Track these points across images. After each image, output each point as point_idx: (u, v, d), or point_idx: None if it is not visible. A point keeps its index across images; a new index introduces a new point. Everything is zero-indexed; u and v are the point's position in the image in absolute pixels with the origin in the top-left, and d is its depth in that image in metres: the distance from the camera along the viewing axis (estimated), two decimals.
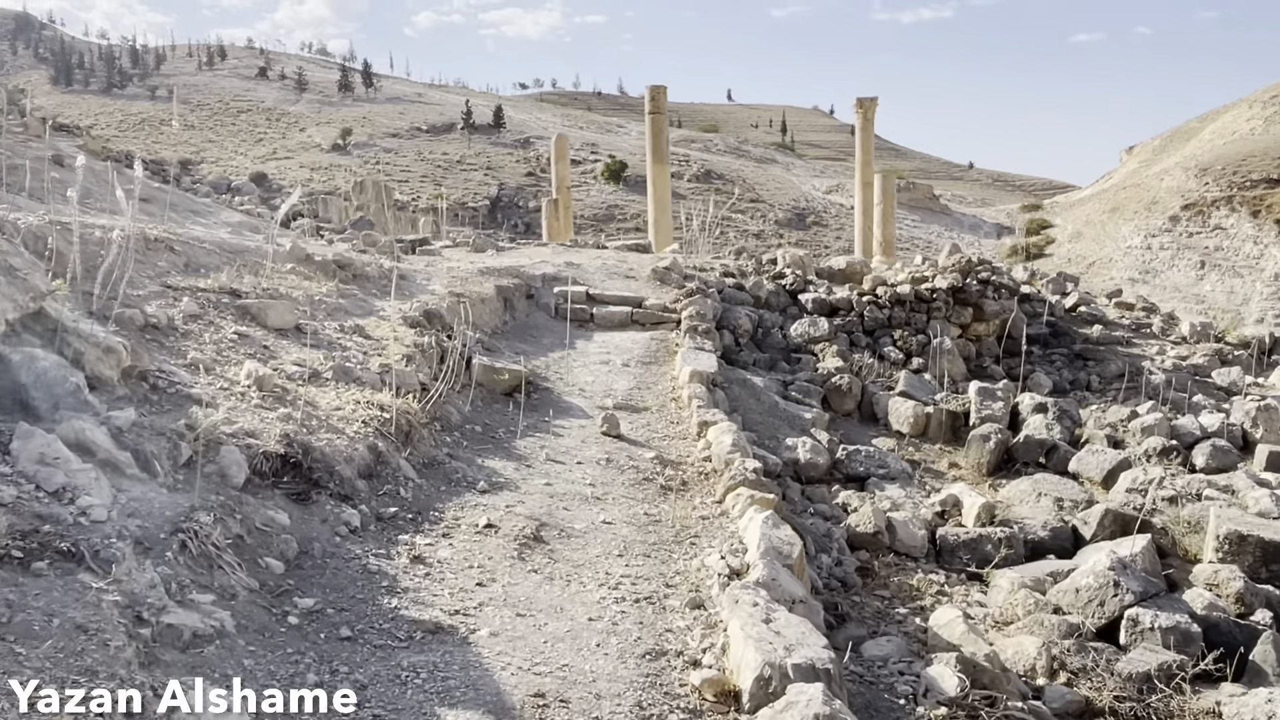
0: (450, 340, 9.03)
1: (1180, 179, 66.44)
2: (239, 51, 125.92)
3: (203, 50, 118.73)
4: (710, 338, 11.18)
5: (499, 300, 11.42)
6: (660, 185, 19.77)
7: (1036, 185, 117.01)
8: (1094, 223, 72.08)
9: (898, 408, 10.98)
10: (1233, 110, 77.83)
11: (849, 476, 8.99)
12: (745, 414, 10.12)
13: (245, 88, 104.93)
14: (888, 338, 13.50)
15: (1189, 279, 60.39)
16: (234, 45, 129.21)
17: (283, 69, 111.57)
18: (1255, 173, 63.29)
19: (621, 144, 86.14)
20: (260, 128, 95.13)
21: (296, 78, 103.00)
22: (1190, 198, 63.74)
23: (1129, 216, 67.18)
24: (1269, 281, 57.93)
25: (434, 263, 12.80)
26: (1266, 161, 63.60)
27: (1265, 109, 73.30)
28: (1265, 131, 70.18)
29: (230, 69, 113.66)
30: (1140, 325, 16.53)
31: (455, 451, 6.86)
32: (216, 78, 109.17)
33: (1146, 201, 67.77)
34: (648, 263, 14.31)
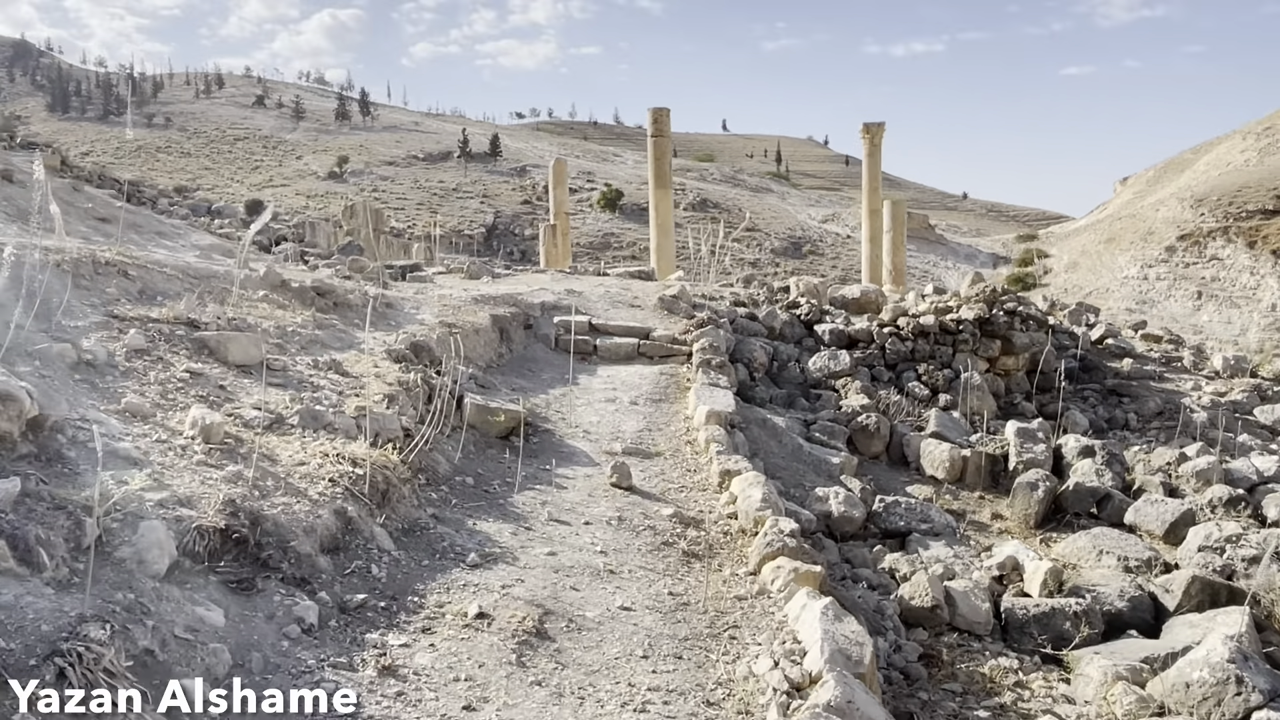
0: (439, 376, 7.98)
1: (1176, 210, 66.01)
2: (236, 80, 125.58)
3: (200, 78, 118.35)
4: (725, 372, 10.14)
5: (494, 331, 10.37)
6: (663, 210, 18.84)
7: (1030, 215, 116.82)
8: (1090, 253, 71.53)
9: (931, 451, 9.93)
10: (1226, 142, 77.63)
11: (887, 532, 7.92)
12: (767, 458, 9.07)
13: (242, 116, 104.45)
14: (911, 372, 12.47)
15: (1186, 309, 59.69)
16: (232, 74, 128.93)
17: (280, 97, 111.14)
18: (1250, 204, 62.91)
19: (618, 173, 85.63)
20: (257, 155, 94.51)
21: (294, 106, 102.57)
22: (1186, 228, 63.27)
23: (1125, 247, 66.66)
24: (1266, 312, 57.26)
25: (425, 290, 11.77)
26: (1261, 193, 63.24)
27: (1259, 140, 73.11)
28: (1260, 163, 69.94)
29: (228, 97, 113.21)
30: (1170, 359, 15.54)
31: (442, 512, 5.78)
32: (214, 105, 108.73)
33: (1142, 232, 67.31)
34: (653, 291, 13.30)
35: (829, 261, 76.09)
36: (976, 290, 13.84)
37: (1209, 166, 75.82)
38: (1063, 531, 8.88)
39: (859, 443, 10.26)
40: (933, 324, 12.74)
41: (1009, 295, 13.89)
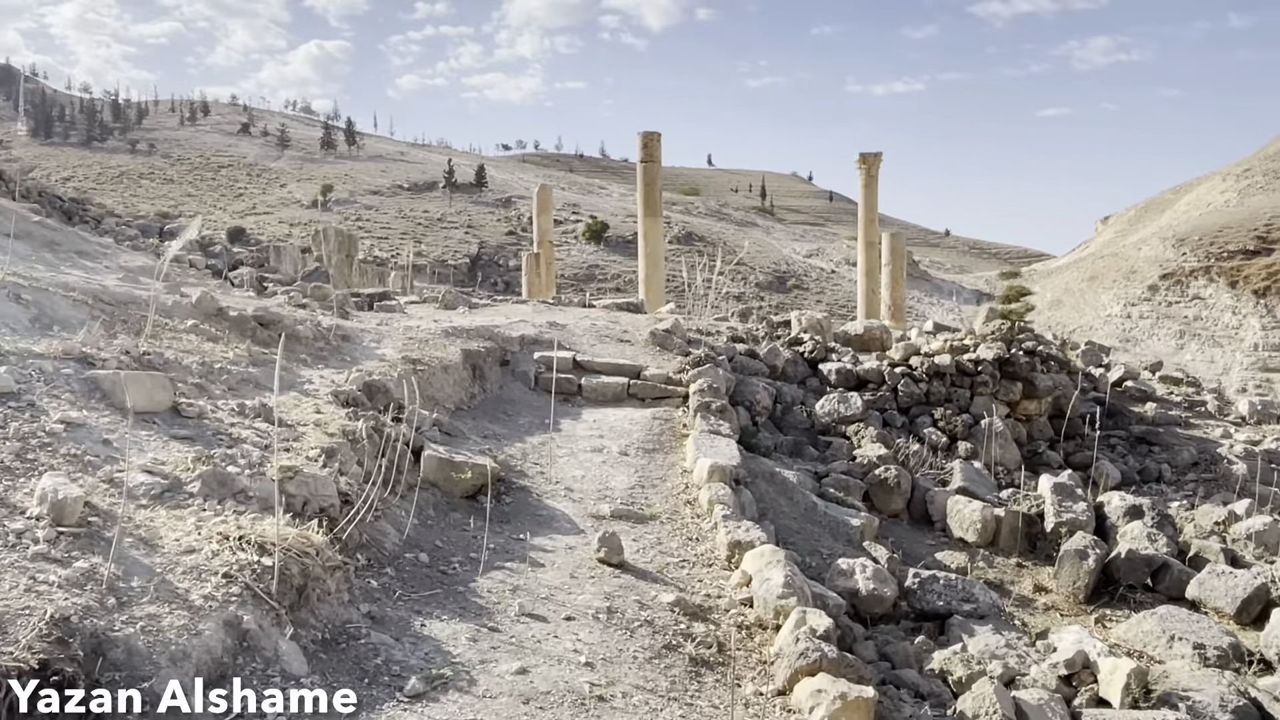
0: (397, 423, 6.67)
1: (1158, 249, 65.79)
2: (222, 108, 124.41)
3: (186, 105, 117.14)
4: (726, 418, 8.87)
5: (465, 368, 9.07)
6: (652, 239, 17.66)
7: (1012, 253, 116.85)
8: (1073, 291, 71.16)
9: (959, 510, 8.67)
10: (1206, 182, 77.81)
11: (923, 613, 6.63)
12: (777, 519, 7.78)
13: (227, 143, 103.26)
14: (926, 417, 11.24)
15: (1169, 348, 59.10)
16: (217, 101, 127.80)
17: (265, 125, 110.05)
18: (1232, 244, 62.73)
19: (603, 205, 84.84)
20: (241, 183, 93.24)
21: (279, 134, 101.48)
22: (1169, 267, 62.98)
23: (1108, 285, 66.31)
24: (1248, 351, 56.74)
25: (390, 321, 10.46)
26: (1242, 233, 63.12)
27: (1239, 181, 73.26)
28: (1240, 203, 69.98)
29: (213, 124, 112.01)
30: (1193, 403, 14.41)
31: (382, 608, 4.45)
32: (198, 133, 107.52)
33: (1125, 271, 67.04)
34: (644, 324, 12.05)
35: (813, 296, 75.41)
36: (993, 328, 12.67)
37: (1189, 207, 75.92)
38: (1116, 607, 7.63)
39: (877, 499, 9.00)
40: (949, 364, 11.54)
41: (1027, 333, 12.73)
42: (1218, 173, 75.07)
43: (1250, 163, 72.82)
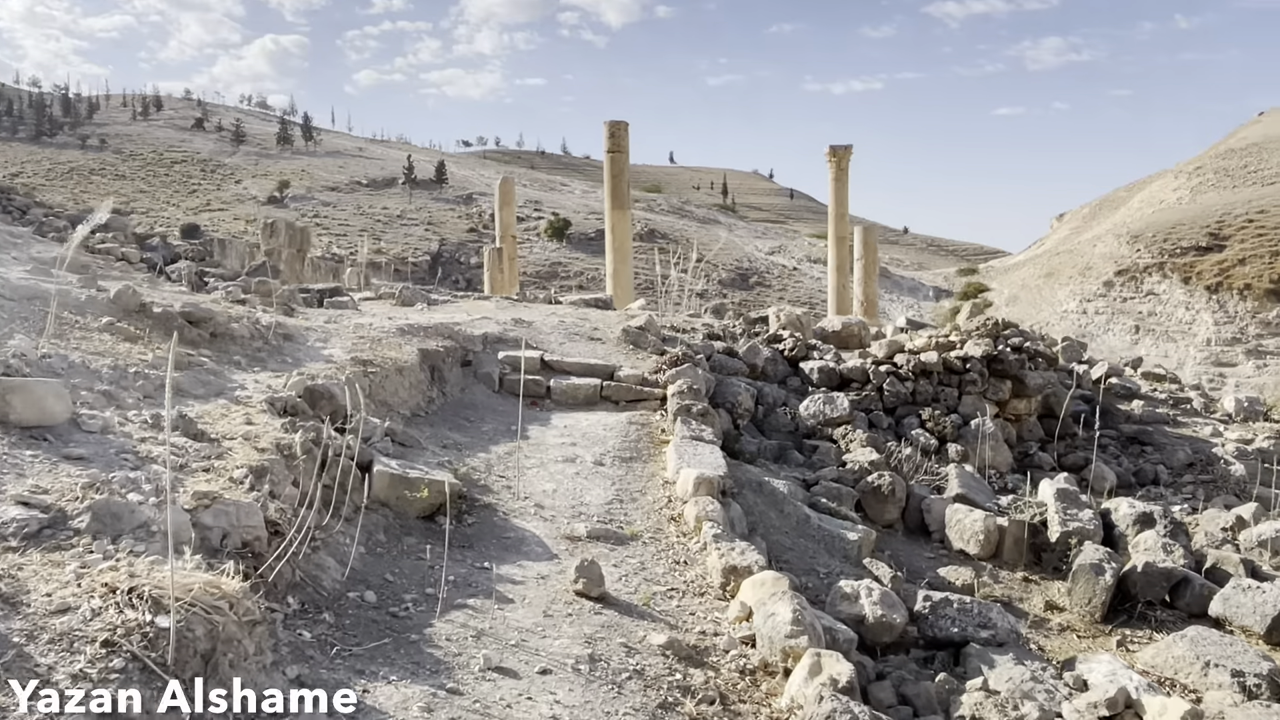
0: (342, 434, 5.82)
1: (1113, 245, 66.36)
2: (175, 102, 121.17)
3: (138, 100, 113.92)
4: (708, 422, 8.11)
5: (423, 370, 8.21)
6: (620, 233, 16.84)
7: (969, 250, 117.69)
8: (1030, 287, 71.62)
9: (960, 519, 7.98)
10: (1159, 180, 78.79)
11: (935, 640, 5.91)
12: (768, 533, 7.04)
13: (180, 138, 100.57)
14: (914, 418, 10.57)
15: (1124, 343, 59.58)
16: (170, 96, 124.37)
17: (220, 120, 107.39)
18: (1185, 240, 63.39)
19: (566, 202, 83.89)
20: (194, 179, 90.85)
21: (234, 129, 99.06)
22: (1123, 264, 63.52)
23: (1064, 281, 66.75)
24: (1201, 346, 57.36)
25: (341, 319, 9.55)
26: (1195, 230, 63.80)
27: (1190, 179, 74.22)
28: (1192, 201, 70.86)
29: (166, 119, 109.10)
30: (1178, 400, 13.93)
31: (313, 669, 3.60)
32: (151, 128, 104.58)
33: (1081, 267, 67.56)
34: (615, 322, 11.24)
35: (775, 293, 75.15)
36: (977, 323, 12.05)
37: (1143, 204, 76.84)
38: (1136, 626, 6.98)
39: (870, 508, 8.28)
40: (936, 362, 10.88)
41: (1012, 329, 12.12)
42: (1170, 170, 76.03)
43: (1202, 160, 73.79)
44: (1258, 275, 60.56)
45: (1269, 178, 70.05)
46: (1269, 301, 58.07)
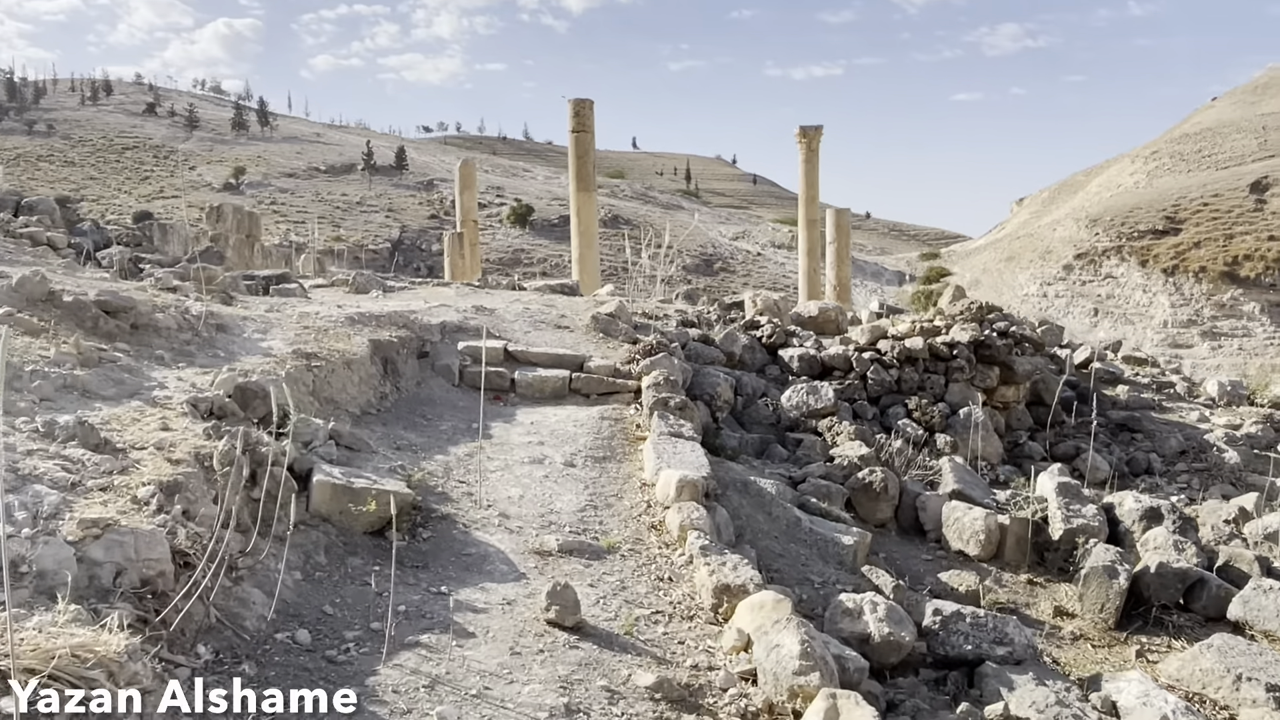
0: (280, 439, 5.05)
1: (1072, 229, 66.79)
2: (126, 87, 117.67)
3: (87, 85, 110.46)
4: (687, 416, 7.43)
5: (374, 363, 7.43)
6: (585, 217, 16.08)
7: (930, 235, 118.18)
8: (991, 271, 71.92)
9: (958, 518, 7.40)
10: (1116, 165, 79.46)
11: (947, 659, 5.30)
12: (756, 539, 6.39)
13: (132, 124, 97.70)
14: (899, 407, 9.99)
15: (1084, 325, 59.97)
16: (121, 81, 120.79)
17: (172, 105, 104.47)
18: (1142, 224, 63.91)
19: (528, 188, 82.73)
20: (147, 165, 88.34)
21: (187, 115, 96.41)
22: (1082, 247, 63.95)
23: (1025, 265, 67.07)
24: (1158, 329, 57.94)
25: (285, 307, 8.73)
26: (1152, 213, 64.34)
27: (1147, 164, 74.89)
28: (1149, 185, 71.48)
29: (116, 104, 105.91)
30: (1161, 385, 13.52)
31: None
32: (101, 113, 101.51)
33: (1041, 251, 67.95)
34: (583, 308, 10.52)
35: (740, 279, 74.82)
36: (961, 307, 11.49)
37: (1100, 188, 77.48)
38: (1153, 633, 6.44)
39: (861, 506, 7.67)
40: (921, 348, 10.30)
41: (997, 312, 11.58)
42: (1127, 155, 76.64)
43: (1158, 145, 74.47)
44: (1212, 258, 61.21)
45: (1223, 162, 70.82)
46: (1223, 284, 58.71)
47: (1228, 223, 63.98)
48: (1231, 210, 64.76)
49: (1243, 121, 73.76)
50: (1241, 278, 59.29)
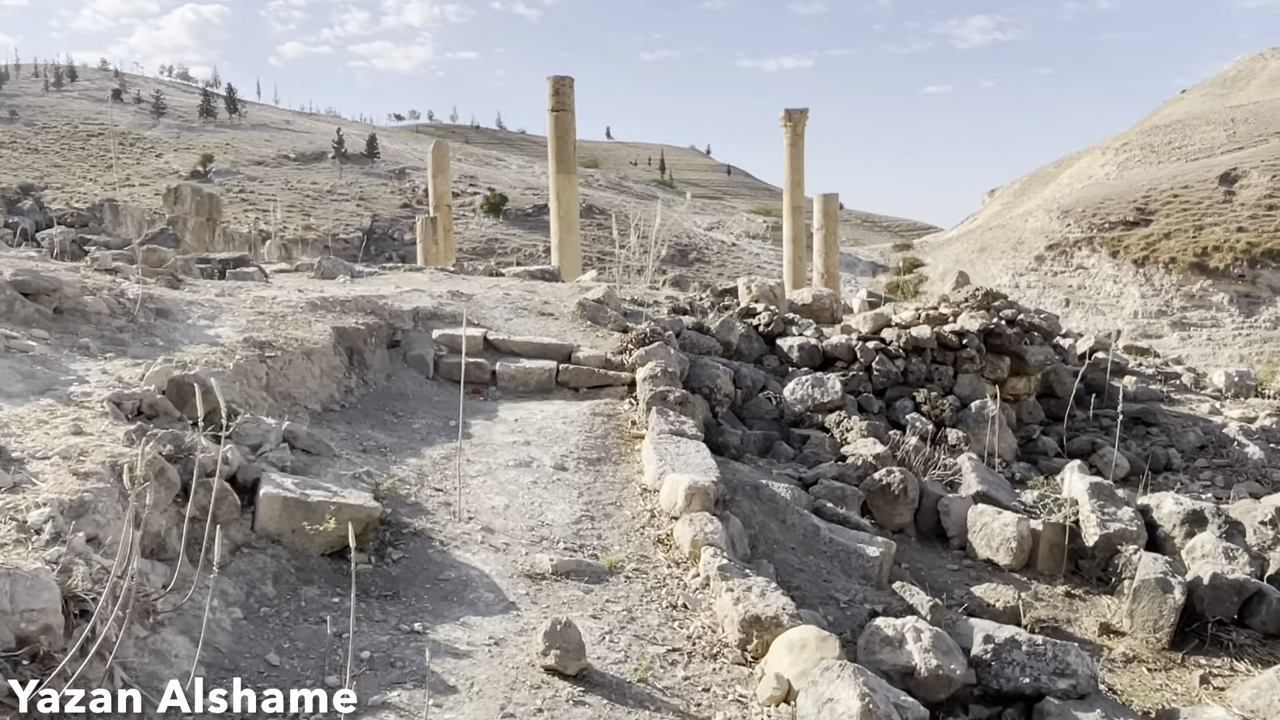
0: (222, 443, 4.21)
1: (1044, 220, 66.79)
2: (91, 73, 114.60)
3: (50, 70, 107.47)
4: (688, 412, 6.64)
5: (338, 353, 6.58)
6: (566, 199, 15.22)
7: (902, 226, 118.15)
8: (964, 261, 71.72)
9: (986, 523, 6.68)
10: (1087, 156, 79.66)
11: (1001, 694, 4.57)
12: (771, 550, 5.64)
13: (97, 110, 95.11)
14: (907, 400, 9.27)
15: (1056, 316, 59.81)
16: (86, 66, 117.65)
17: (139, 92, 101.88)
18: (1113, 215, 63.98)
19: (501, 177, 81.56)
20: (112, 153, 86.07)
21: (154, 101, 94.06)
22: (1054, 238, 63.95)
23: (997, 256, 67.00)
24: (1129, 319, 57.97)
25: (240, 291, 7.82)
26: (1123, 205, 64.42)
27: (1118, 155, 75.07)
28: (1119, 176, 71.65)
29: (81, 90, 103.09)
30: (1167, 375, 12.93)
31: None
32: (65, 99, 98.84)
33: (1013, 242, 67.90)
34: (568, 295, 9.69)
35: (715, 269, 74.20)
36: (965, 294, 10.80)
37: (1072, 179, 77.66)
38: (1211, 653, 5.76)
39: (878, 510, 6.94)
40: (929, 337, 9.58)
41: (1002, 300, 10.90)
42: (1097, 146, 76.83)
43: (1128, 137, 74.67)
44: (1182, 249, 61.35)
45: (1192, 154, 71.10)
46: (1192, 275, 58.89)
47: (1197, 214, 64.19)
48: (1201, 202, 64.99)
49: (1212, 114, 74.09)
50: (1211, 269, 59.46)
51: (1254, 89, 71.78)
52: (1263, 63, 75.03)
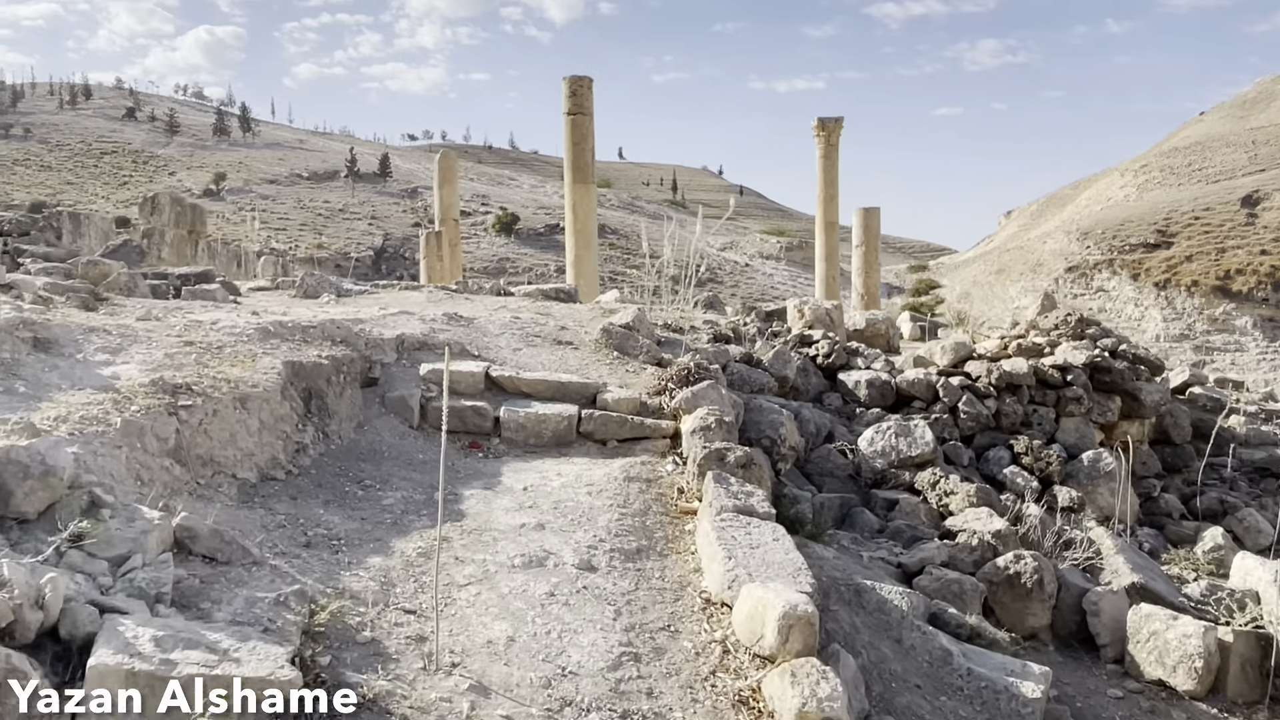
0: (47, 563, 2.46)
1: (1063, 242, 65.27)
2: (106, 91, 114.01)
3: (66, 89, 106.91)
4: (754, 477, 4.88)
5: (289, 398, 4.85)
6: (583, 212, 13.53)
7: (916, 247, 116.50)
8: (981, 283, 70.22)
9: (1155, 631, 4.89)
10: (1105, 178, 78.08)
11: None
12: (888, 691, 3.88)
13: (111, 128, 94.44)
14: (1002, 449, 7.50)
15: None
16: (101, 85, 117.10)
17: (153, 110, 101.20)
18: (1133, 237, 62.43)
19: (514, 196, 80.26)
20: (125, 170, 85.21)
21: (168, 120, 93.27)
22: (1073, 260, 62.40)
23: (1015, 278, 65.43)
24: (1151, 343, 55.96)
25: (176, 314, 6.10)
26: (1143, 227, 62.85)
27: (1136, 177, 73.44)
28: (1139, 198, 70.01)
29: (96, 109, 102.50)
30: (1271, 414, 11.12)
31: None
32: (79, 117, 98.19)
33: (1031, 263, 66.36)
34: (588, 318, 7.97)
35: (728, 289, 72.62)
36: (1056, 319, 9.05)
37: (1090, 201, 76.02)
38: None
39: (1003, 608, 5.16)
40: (1026, 372, 7.82)
41: (1096, 327, 9.14)
42: (1116, 168, 75.27)
43: (1147, 159, 73.05)
44: (1204, 272, 59.72)
45: (1213, 176, 69.37)
46: (1215, 298, 57.07)
47: (1219, 236, 62.47)
48: (1223, 224, 63.31)
49: (1232, 136, 72.35)
50: (1234, 292, 57.68)
51: (1275, 111, 70.01)
52: None
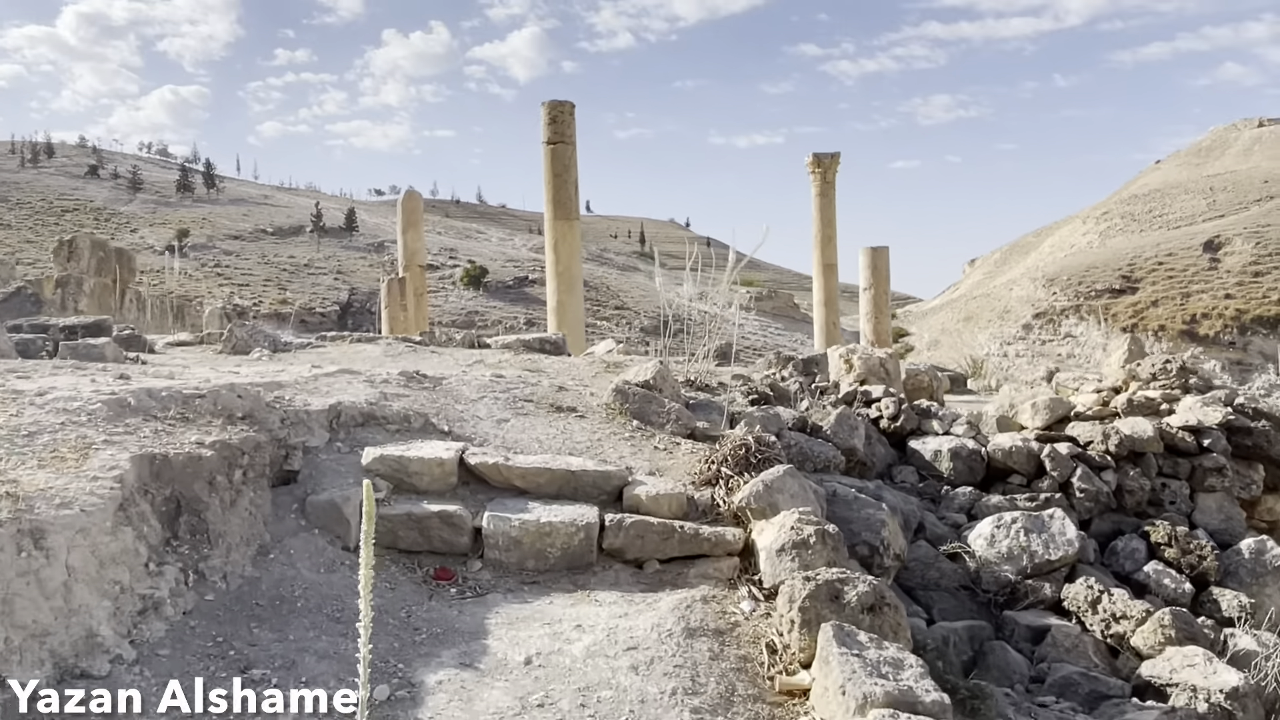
0: None
1: (1029, 289, 64.94)
2: (69, 149, 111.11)
3: (27, 147, 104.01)
4: (889, 625, 2.97)
5: (134, 521, 2.86)
6: (566, 251, 11.66)
7: None
8: (950, 331, 69.50)
9: None
10: (1067, 225, 78.42)
11: None
12: None
13: (73, 186, 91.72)
14: (1135, 538, 5.64)
15: None
16: (64, 143, 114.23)
17: (116, 168, 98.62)
18: (1099, 283, 62.27)
19: (482, 249, 78.59)
20: (87, 228, 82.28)
21: (131, 176, 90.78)
22: (1040, 306, 62.01)
23: (983, 325, 64.82)
24: None
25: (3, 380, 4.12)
26: (1108, 272, 62.77)
27: (1098, 224, 73.78)
28: (1102, 245, 70.15)
29: (58, 167, 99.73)
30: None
31: None
32: (41, 175, 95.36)
33: (999, 310, 65.90)
34: (589, 375, 6.05)
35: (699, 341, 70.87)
36: (1154, 366, 7.28)
37: (1053, 248, 76.15)
38: None
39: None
40: (1152, 437, 6.00)
41: (1198, 378, 7.37)
42: (1078, 215, 75.60)
43: (1108, 206, 73.44)
44: (1170, 316, 59.51)
45: (1174, 221, 69.67)
46: (1182, 342, 56.39)
47: (1184, 281, 62.48)
48: (1187, 269, 63.38)
49: (1190, 183, 72.94)
50: (1201, 335, 57.19)
51: (1230, 158, 70.64)
52: (1236, 133, 74.25)
